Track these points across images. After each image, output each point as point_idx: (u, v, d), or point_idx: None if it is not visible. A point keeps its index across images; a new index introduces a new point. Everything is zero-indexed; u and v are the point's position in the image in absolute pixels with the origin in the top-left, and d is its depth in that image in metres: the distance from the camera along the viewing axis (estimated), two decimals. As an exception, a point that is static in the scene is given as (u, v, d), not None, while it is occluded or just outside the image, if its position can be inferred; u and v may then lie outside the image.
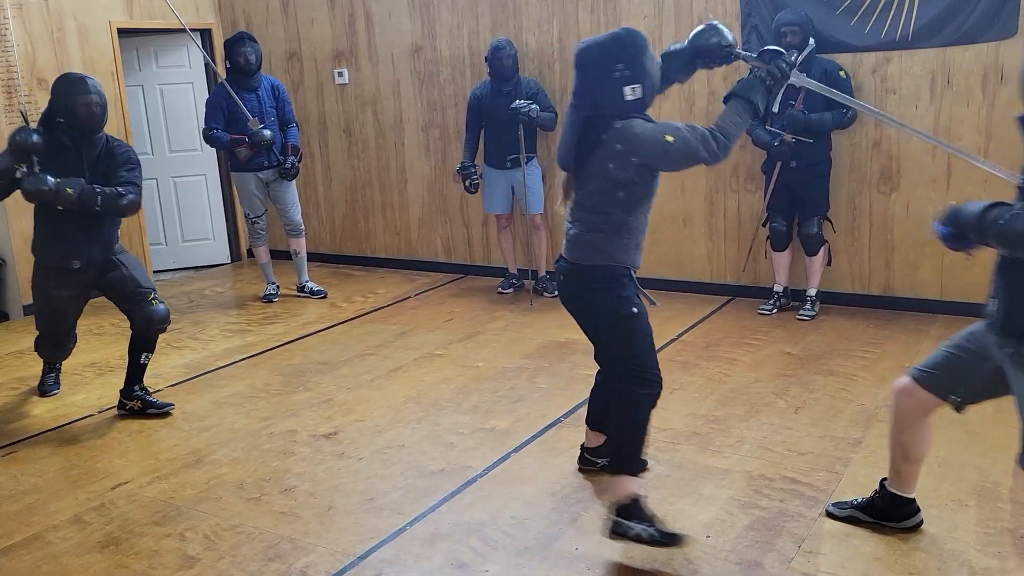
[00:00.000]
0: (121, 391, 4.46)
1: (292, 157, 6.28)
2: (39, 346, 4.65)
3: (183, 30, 6.17)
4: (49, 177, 4.08)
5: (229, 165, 6.57)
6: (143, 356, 4.42)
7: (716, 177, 5.87)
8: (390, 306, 6.28)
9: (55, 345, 4.62)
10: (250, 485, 3.60)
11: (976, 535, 2.94)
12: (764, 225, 5.59)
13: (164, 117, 7.53)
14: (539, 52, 6.34)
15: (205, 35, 7.60)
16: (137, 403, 4.42)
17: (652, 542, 2.87)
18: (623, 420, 3.04)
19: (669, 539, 2.88)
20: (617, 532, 2.91)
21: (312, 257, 7.28)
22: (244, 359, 5.25)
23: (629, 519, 2.90)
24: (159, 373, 5.03)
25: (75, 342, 4.70)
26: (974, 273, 5.19)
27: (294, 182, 6.42)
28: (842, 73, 5.18)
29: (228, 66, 6.27)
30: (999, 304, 2.50)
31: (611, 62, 2.88)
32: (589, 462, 3.54)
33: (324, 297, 6.53)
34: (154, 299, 4.39)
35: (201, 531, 3.25)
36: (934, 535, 2.95)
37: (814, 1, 5.30)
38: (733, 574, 2.81)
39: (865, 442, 3.68)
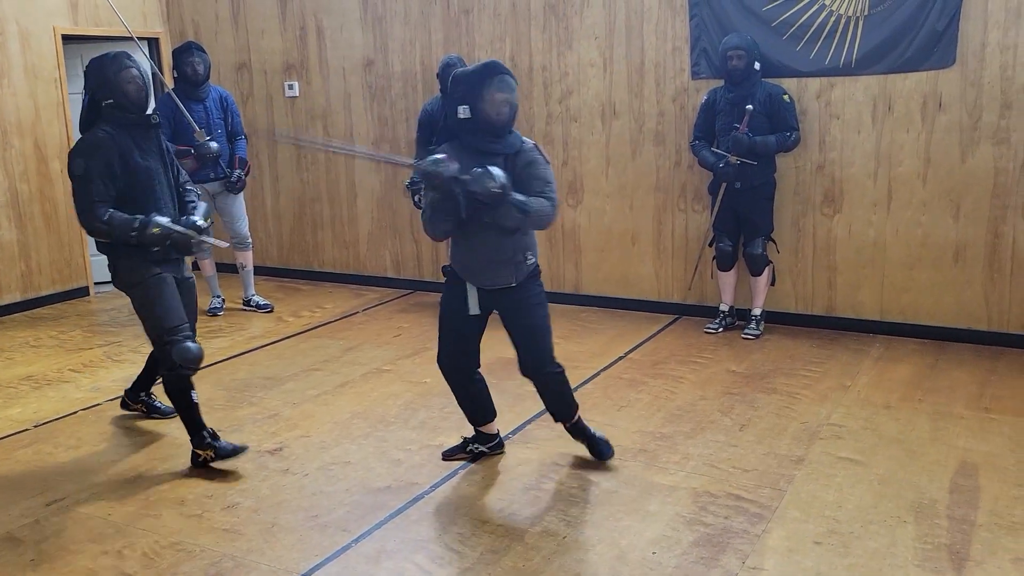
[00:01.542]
0: (126, 391, 4.46)
1: (239, 170, 6.19)
2: None
3: (130, 38, 6.05)
4: None
5: None
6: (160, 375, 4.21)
7: (664, 197, 5.96)
8: (337, 321, 6.22)
9: None
10: (191, 502, 3.52)
11: (914, 550, 3.00)
12: (710, 245, 5.67)
13: (108, 125, 7.36)
14: (491, 69, 6.36)
15: (153, 44, 7.47)
16: (142, 407, 4.45)
17: (595, 449, 3.74)
18: (562, 387, 3.69)
19: (599, 452, 3.74)
20: (575, 432, 3.77)
21: (259, 271, 7.17)
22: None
23: (576, 436, 3.76)
24: (99, 387, 4.91)
25: None
26: (912, 294, 5.35)
27: (242, 195, 6.33)
28: (786, 97, 5.30)
29: (175, 76, 6.18)
30: None
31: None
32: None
33: (271, 311, 6.44)
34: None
35: (139, 549, 3.17)
36: (874, 550, 3.01)
37: (762, 26, 5.42)
38: (679, 590, 2.82)
39: (808, 459, 3.74)
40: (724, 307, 5.69)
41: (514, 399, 4.52)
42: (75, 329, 6.15)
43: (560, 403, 3.73)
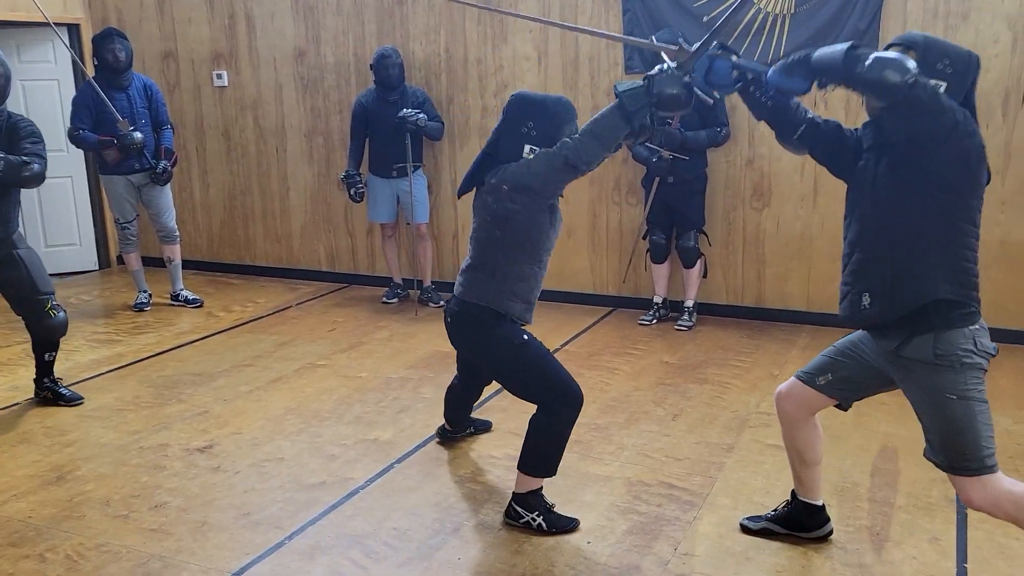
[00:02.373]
0: (34, 380, 4.53)
1: (165, 161, 6.02)
2: None
3: (48, 24, 5.84)
4: None
5: (98, 167, 6.25)
6: (47, 355, 4.46)
7: (599, 190, 6.01)
8: (270, 315, 6.12)
9: None
10: (117, 502, 3.43)
11: (837, 532, 3.09)
12: (644, 238, 5.75)
13: (26, 114, 7.07)
14: (426, 61, 6.33)
15: (73, 30, 7.23)
16: (48, 393, 4.48)
17: (540, 530, 3.11)
18: (548, 435, 3.10)
19: (564, 523, 3.12)
20: (511, 517, 3.16)
21: (188, 264, 7.02)
22: (112, 370, 5.00)
23: (527, 508, 3.13)
24: (16, 386, 4.74)
25: None
26: (837, 285, 5.49)
27: (168, 187, 6.17)
28: (716, 93, 5.37)
29: (96, 64, 5.98)
30: (863, 300, 2.56)
31: (525, 119, 3.05)
32: (450, 435, 3.90)
33: (200, 306, 6.30)
34: (52, 309, 4.35)
35: (63, 551, 3.07)
36: (798, 534, 3.09)
37: (693, 21, 5.50)
38: (613, 578, 2.86)
39: (737, 447, 3.82)
40: (658, 299, 5.78)
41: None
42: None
43: (537, 440, 3.15)
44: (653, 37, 4.91)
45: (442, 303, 6.26)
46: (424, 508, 3.34)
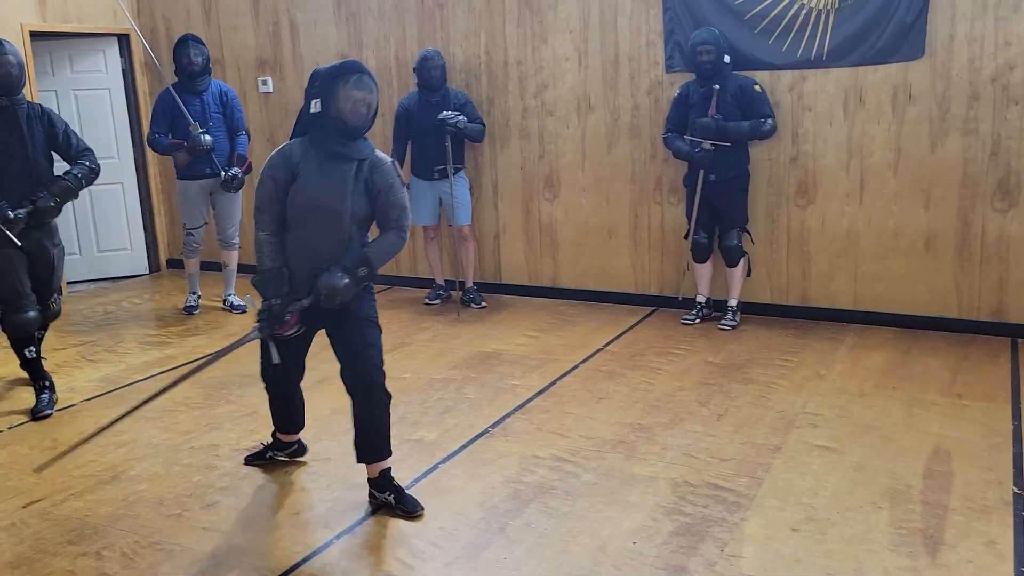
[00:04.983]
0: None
1: (236, 167, 6.08)
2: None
3: (99, 34, 5.98)
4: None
5: (176, 173, 6.30)
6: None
7: (640, 190, 5.99)
8: (315, 317, 6.19)
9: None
10: (170, 501, 3.50)
11: (889, 536, 3.05)
12: (686, 238, 5.71)
13: (79, 123, 7.28)
14: (466, 64, 6.37)
15: (123, 40, 7.40)
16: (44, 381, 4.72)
17: (392, 507, 3.34)
18: (383, 417, 3.39)
19: (410, 506, 3.32)
20: (373, 501, 3.39)
21: (243, 269, 7.13)
22: (163, 372, 5.11)
23: (381, 490, 3.37)
24: (73, 387, 4.86)
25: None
26: (885, 283, 5.42)
27: (239, 195, 6.21)
28: (757, 87, 5.35)
29: (175, 69, 6.09)
30: None
31: (312, 82, 3.22)
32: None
33: (244, 312, 6.35)
34: (54, 302, 4.66)
35: (119, 549, 3.15)
36: (850, 537, 3.05)
37: (734, 19, 5.46)
38: (659, 579, 2.85)
39: (784, 448, 3.79)
40: (701, 299, 5.74)
41: (494, 392, 4.54)
42: (48, 330, 6.06)
43: (374, 426, 3.38)
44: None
45: (484, 304, 6.29)
46: (470, 508, 3.36)
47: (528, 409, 4.29)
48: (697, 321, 5.67)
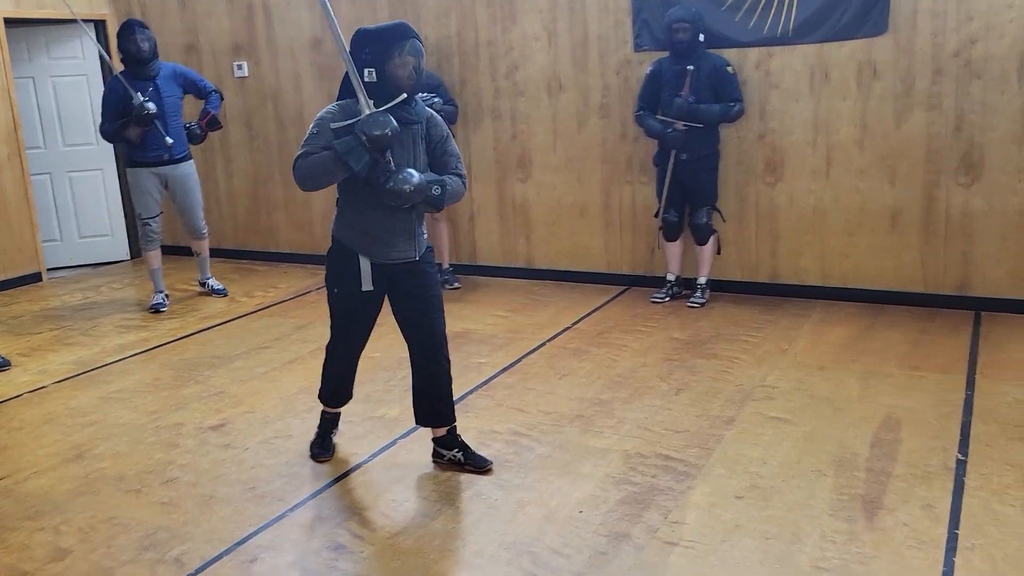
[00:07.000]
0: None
1: (195, 122, 5.96)
2: None
3: (75, 21, 5.98)
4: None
5: (127, 159, 6.14)
6: None
7: (611, 169, 6.01)
8: (291, 300, 6.25)
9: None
10: (131, 478, 3.56)
11: (830, 501, 3.10)
12: (656, 216, 5.74)
13: (57, 110, 7.32)
14: (437, 45, 6.38)
15: (100, 26, 7.41)
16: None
17: (461, 464, 3.47)
18: (448, 382, 3.51)
19: (478, 462, 3.45)
20: (439, 460, 3.53)
21: (215, 253, 7.17)
22: (136, 354, 5.16)
23: (449, 447, 3.51)
24: (44, 370, 4.92)
25: None
26: (852, 259, 5.46)
27: (197, 185, 6.10)
28: (729, 69, 5.37)
29: (122, 57, 6.07)
30: None
31: (363, 46, 3.18)
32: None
33: (225, 296, 6.38)
34: None
35: (76, 524, 3.21)
36: (792, 502, 3.11)
37: (702, -2, 5.47)
38: (601, 545, 2.91)
39: (739, 419, 3.83)
40: (671, 277, 5.77)
41: (459, 371, 4.56)
42: (25, 314, 6.14)
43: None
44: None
45: (458, 285, 6.33)
46: (423, 481, 3.42)
47: (491, 386, 4.35)
48: (667, 299, 5.71)
